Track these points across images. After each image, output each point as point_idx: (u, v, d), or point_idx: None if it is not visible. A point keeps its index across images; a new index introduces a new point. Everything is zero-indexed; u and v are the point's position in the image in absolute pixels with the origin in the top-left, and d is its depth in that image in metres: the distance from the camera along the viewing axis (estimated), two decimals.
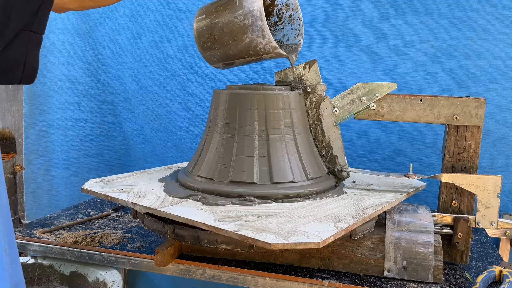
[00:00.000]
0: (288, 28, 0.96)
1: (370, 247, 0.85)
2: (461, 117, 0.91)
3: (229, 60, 0.90)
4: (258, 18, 0.79)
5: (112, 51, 1.58)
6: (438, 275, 0.83)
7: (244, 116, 0.87)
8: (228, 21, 0.83)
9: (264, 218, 0.74)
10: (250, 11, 0.79)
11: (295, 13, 0.94)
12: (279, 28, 0.97)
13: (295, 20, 0.95)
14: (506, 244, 1.24)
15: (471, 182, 0.88)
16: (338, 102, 0.96)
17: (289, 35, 0.95)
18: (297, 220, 0.73)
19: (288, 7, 0.95)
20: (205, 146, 0.91)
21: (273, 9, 0.96)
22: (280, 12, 0.95)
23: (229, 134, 0.88)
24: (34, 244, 1.00)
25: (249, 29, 0.81)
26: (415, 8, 1.30)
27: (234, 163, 0.86)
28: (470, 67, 1.28)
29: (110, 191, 0.86)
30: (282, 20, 0.96)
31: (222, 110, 0.90)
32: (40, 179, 1.72)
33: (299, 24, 0.94)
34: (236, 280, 0.86)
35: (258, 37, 0.81)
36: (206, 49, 0.89)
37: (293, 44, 0.94)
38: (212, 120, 0.93)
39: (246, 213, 0.76)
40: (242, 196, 0.83)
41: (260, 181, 0.84)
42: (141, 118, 1.59)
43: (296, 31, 0.95)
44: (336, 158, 0.94)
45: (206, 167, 0.88)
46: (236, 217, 0.73)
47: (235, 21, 0.81)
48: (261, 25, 0.79)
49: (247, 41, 0.82)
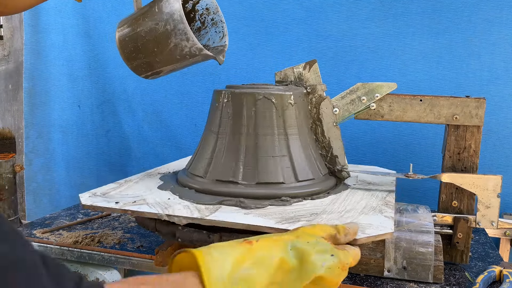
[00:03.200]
0: (212, 32, 0.96)
1: (370, 247, 0.85)
2: (461, 117, 0.91)
3: (157, 68, 0.89)
4: (179, 21, 0.79)
5: (112, 51, 1.58)
6: (438, 275, 0.83)
7: (251, 116, 0.87)
8: (150, 29, 0.82)
9: (316, 216, 0.74)
10: (170, 15, 0.79)
11: (217, 16, 0.95)
12: (203, 32, 0.97)
13: (218, 23, 0.95)
14: (506, 244, 1.24)
15: (471, 182, 0.88)
16: (338, 102, 0.96)
17: (214, 38, 0.96)
18: (346, 215, 0.75)
19: (209, 11, 0.95)
20: (217, 149, 0.89)
21: (195, 15, 0.96)
22: (202, 16, 0.96)
23: (236, 135, 0.88)
24: (34, 244, 1.00)
25: (172, 34, 0.80)
26: (415, 8, 1.30)
27: (258, 164, 0.85)
28: (470, 67, 1.28)
29: (124, 205, 0.79)
30: (205, 24, 0.96)
31: (223, 110, 0.90)
32: (40, 178, 1.72)
33: (222, 26, 0.95)
34: None
35: (182, 41, 0.80)
36: (131, 60, 0.88)
37: (219, 46, 0.95)
38: (213, 121, 0.93)
39: (295, 213, 0.76)
40: (275, 196, 0.83)
41: (287, 181, 0.86)
42: (141, 118, 1.59)
43: (220, 33, 0.95)
44: (336, 158, 0.94)
45: (223, 170, 0.87)
46: (292, 218, 0.73)
47: (157, 27, 0.81)
48: (183, 28, 0.79)
49: (172, 46, 0.81)
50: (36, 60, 1.65)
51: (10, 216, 1.13)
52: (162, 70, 0.90)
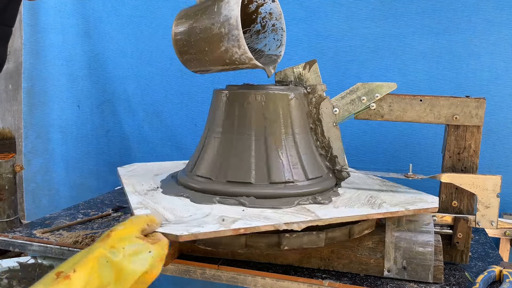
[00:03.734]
0: (270, 38, 0.94)
1: (370, 247, 0.85)
2: (461, 117, 0.91)
3: (206, 67, 0.89)
4: (234, 27, 0.78)
5: (112, 51, 1.58)
6: (438, 275, 0.83)
7: (249, 116, 0.87)
8: (205, 27, 0.81)
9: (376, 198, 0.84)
10: (227, 19, 0.78)
11: (279, 23, 0.92)
12: (262, 36, 0.95)
13: (278, 30, 0.93)
14: (506, 244, 1.24)
15: (470, 182, 0.88)
16: (338, 102, 0.96)
17: (271, 44, 0.94)
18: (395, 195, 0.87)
19: (271, 16, 0.93)
20: (224, 149, 0.88)
21: (257, 17, 0.94)
22: (264, 20, 0.94)
23: (236, 134, 0.88)
24: (34, 244, 1.00)
25: (225, 38, 0.79)
26: (415, 8, 1.30)
27: (270, 163, 0.85)
28: (469, 67, 1.28)
29: (224, 224, 0.70)
30: (265, 28, 0.94)
31: (224, 110, 0.90)
32: (39, 179, 1.72)
33: (282, 35, 0.92)
34: (236, 280, 0.86)
35: (233, 47, 0.79)
36: (182, 54, 0.88)
37: (273, 54, 0.93)
38: (213, 121, 0.93)
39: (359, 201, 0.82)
40: (288, 196, 0.83)
41: (299, 179, 0.86)
42: (141, 118, 1.59)
43: (278, 41, 0.93)
44: (336, 158, 0.94)
45: (239, 170, 0.85)
46: (373, 204, 0.81)
47: (212, 28, 0.80)
48: (237, 34, 0.78)
49: (223, 50, 0.80)
50: (35, 60, 1.64)
51: (10, 216, 1.13)
52: (211, 69, 0.89)
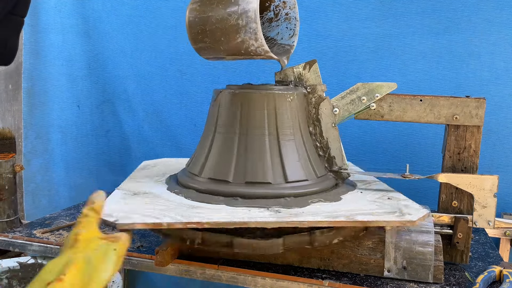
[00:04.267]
0: (283, 27, 0.93)
1: (370, 247, 0.85)
2: (461, 117, 0.91)
3: (220, 55, 0.88)
4: (252, 20, 0.77)
5: (112, 51, 1.58)
6: (438, 275, 0.83)
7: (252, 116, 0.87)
8: (221, 17, 0.80)
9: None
10: (245, 11, 0.77)
11: (292, 12, 0.92)
12: (274, 25, 0.94)
13: (291, 19, 0.92)
14: (506, 244, 1.24)
15: (467, 182, 0.88)
16: (338, 102, 0.96)
17: (283, 33, 0.93)
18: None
19: (285, 4, 0.92)
20: (224, 149, 0.88)
21: (270, 4, 0.93)
22: (277, 8, 0.92)
23: (236, 135, 0.87)
24: (34, 244, 1.00)
25: (242, 30, 0.79)
26: (415, 8, 1.30)
27: (285, 164, 0.85)
28: (469, 67, 1.28)
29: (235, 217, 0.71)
30: (278, 17, 0.93)
31: (224, 110, 0.90)
32: (39, 179, 1.72)
33: (295, 24, 0.91)
34: (236, 280, 0.86)
35: (250, 39, 0.79)
36: (197, 42, 0.87)
37: (286, 44, 0.92)
38: (213, 121, 0.92)
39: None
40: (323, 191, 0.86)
41: (311, 178, 0.86)
42: (141, 118, 1.59)
43: (291, 31, 0.92)
44: (334, 159, 0.94)
45: (250, 171, 0.84)
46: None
47: (229, 19, 0.79)
48: (255, 28, 0.77)
49: (239, 41, 0.80)
50: (35, 60, 1.64)
51: (10, 216, 1.13)
52: (224, 57, 0.89)
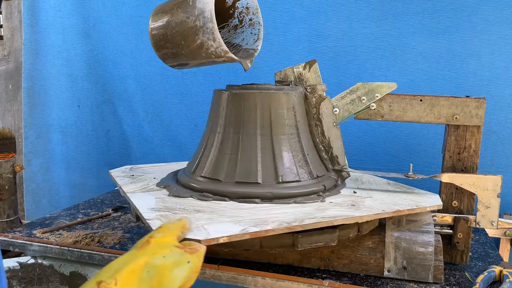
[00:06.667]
0: (248, 32, 0.94)
1: (370, 247, 0.85)
2: (461, 117, 0.91)
3: (183, 61, 0.89)
4: (208, 20, 0.78)
5: (112, 51, 1.58)
6: (438, 275, 0.83)
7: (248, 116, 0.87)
8: (180, 21, 0.82)
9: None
10: (201, 12, 0.79)
11: (256, 17, 0.93)
12: (239, 31, 0.95)
13: (255, 24, 0.93)
14: (506, 244, 1.24)
15: (471, 182, 0.88)
16: (338, 102, 0.96)
17: (248, 39, 0.94)
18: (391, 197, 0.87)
19: (248, 10, 0.93)
20: (224, 149, 0.89)
21: (234, 11, 0.94)
22: (241, 15, 0.94)
23: (237, 135, 0.88)
24: (34, 244, 1.00)
25: (200, 31, 0.80)
26: (415, 8, 1.30)
27: (277, 164, 0.85)
28: (470, 67, 1.28)
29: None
30: (243, 23, 0.94)
31: (224, 110, 0.90)
32: (39, 179, 1.72)
33: (259, 29, 0.93)
34: (236, 280, 0.86)
35: (209, 40, 0.80)
36: (159, 48, 0.88)
37: (250, 49, 0.93)
38: (214, 121, 0.92)
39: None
40: (293, 195, 0.84)
41: (303, 178, 0.86)
42: (141, 118, 1.59)
43: (256, 36, 0.93)
44: (336, 158, 0.94)
45: (243, 172, 0.85)
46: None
47: (187, 21, 0.81)
48: (212, 27, 0.78)
49: (199, 43, 0.81)
50: (35, 60, 1.64)
51: (10, 216, 1.13)
52: (188, 63, 0.90)
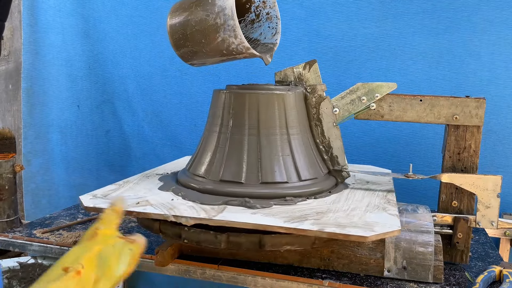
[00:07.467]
0: (265, 26, 0.94)
1: (370, 247, 0.85)
2: (461, 117, 0.91)
3: (203, 59, 0.89)
4: (229, 17, 0.78)
5: (112, 51, 1.58)
6: (438, 275, 0.83)
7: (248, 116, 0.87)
8: (200, 19, 0.81)
9: (323, 214, 0.75)
10: (222, 9, 0.78)
11: (273, 11, 0.93)
12: (257, 26, 0.95)
13: (272, 18, 0.93)
14: (506, 244, 1.24)
15: (471, 182, 0.88)
16: (338, 102, 0.96)
17: (266, 33, 0.94)
18: (353, 213, 0.76)
19: (265, 4, 0.93)
20: (218, 149, 0.89)
21: (250, 6, 0.94)
22: (258, 9, 0.93)
23: (237, 135, 0.88)
24: (34, 244, 1.00)
25: (221, 29, 0.79)
26: (415, 8, 1.30)
27: (261, 164, 0.85)
28: (469, 67, 1.28)
29: (128, 206, 0.78)
30: (260, 17, 0.94)
31: (224, 110, 0.90)
32: (39, 179, 1.72)
33: (276, 23, 0.93)
34: (236, 280, 0.86)
35: (230, 37, 0.79)
36: (179, 47, 0.88)
37: (269, 43, 0.92)
38: (213, 121, 0.92)
39: (301, 212, 0.76)
40: (279, 196, 0.83)
41: (291, 180, 0.86)
42: (141, 118, 1.59)
43: (273, 30, 0.93)
44: (336, 158, 0.94)
45: (226, 170, 0.86)
46: (300, 217, 0.73)
47: (207, 19, 0.80)
48: (233, 24, 0.78)
49: (220, 41, 0.81)
50: (35, 60, 1.64)
51: (10, 216, 1.13)
52: (208, 60, 0.89)
